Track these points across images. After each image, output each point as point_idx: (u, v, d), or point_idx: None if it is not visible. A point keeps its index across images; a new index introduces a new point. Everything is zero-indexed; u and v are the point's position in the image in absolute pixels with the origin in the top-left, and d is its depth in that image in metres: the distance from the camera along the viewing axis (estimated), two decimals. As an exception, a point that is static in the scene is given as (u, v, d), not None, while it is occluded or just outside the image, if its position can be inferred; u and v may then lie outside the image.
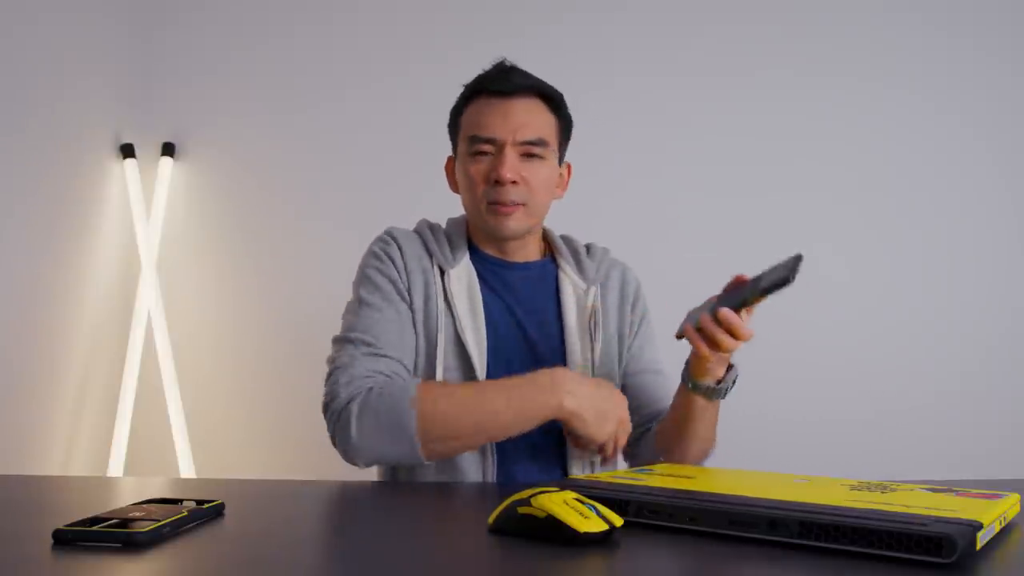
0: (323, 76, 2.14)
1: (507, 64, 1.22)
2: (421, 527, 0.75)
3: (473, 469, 1.13)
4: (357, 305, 1.15)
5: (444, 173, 1.30)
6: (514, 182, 1.15)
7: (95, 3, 2.00)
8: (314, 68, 2.15)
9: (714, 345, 1.02)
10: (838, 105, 2.07)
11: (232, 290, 2.12)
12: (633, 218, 2.06)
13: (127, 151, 2.06)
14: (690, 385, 1.10)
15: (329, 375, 1.10)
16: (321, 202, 2.10)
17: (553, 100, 1.21)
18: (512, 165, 1.15)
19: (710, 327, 1.01)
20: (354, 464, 1.05)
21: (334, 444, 1.06)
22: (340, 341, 1.12)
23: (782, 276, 0.94)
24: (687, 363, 1.11)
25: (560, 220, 1.39)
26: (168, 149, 2.11)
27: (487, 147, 1.17)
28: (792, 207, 2.05)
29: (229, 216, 2.13)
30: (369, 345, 1.10)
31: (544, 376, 1.04)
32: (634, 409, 1.22)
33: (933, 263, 2.03)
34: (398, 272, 1.17)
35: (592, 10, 2.13)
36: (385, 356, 1.10)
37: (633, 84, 2.11)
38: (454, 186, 1.27)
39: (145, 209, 2.05)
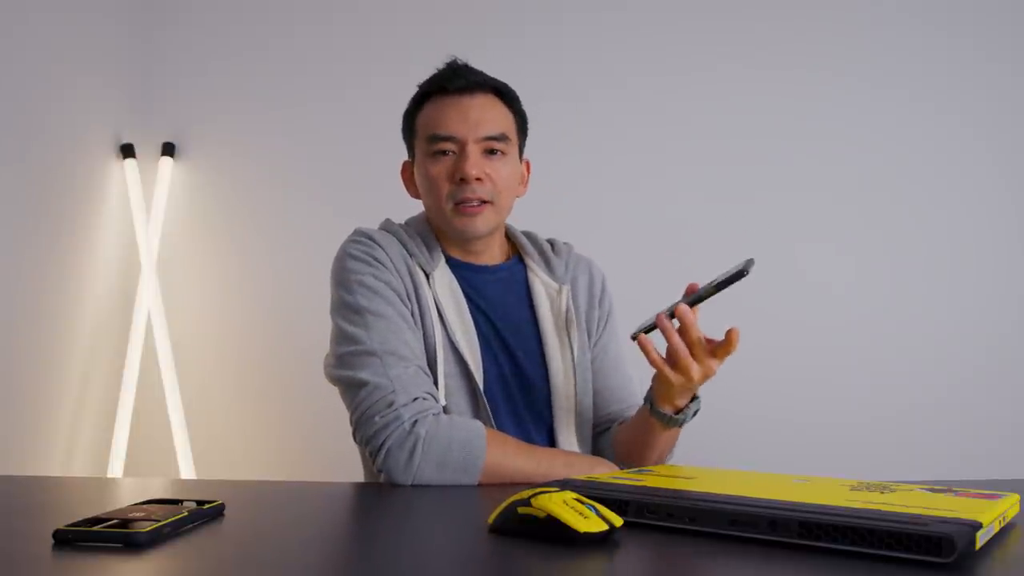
0: (323, 76, 2.14)
1: (459, 62, 1.21)
2: (421, 527, 0.75)
3: None
4: (356, 313, 1.08)
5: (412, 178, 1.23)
6: (479, 179, 1.13)
7: (95, 3, 2.00)
8: (314, 68, 2.15)
9: (672, 359, 1.00)
10: (838, 105, 2.07)
11: (232, 290, 2.12)
12: (633, 219, 2.06)
13: (127, 151, 2.06)
14: (649, 409, 1.08)
15: (366, 388, 1.03)
16: (321, 202, 2.10)
17: (508, 96, 1.20)
18: (476, 162, 1.13)
19: (664, 323, 0.99)
20: (392, 479, 0.99)
21: (378, 453, 1.00)
22: (360, 355, 1.05)
23: (737, 270, 0.94)
24: (651, 386, 1.09)
25: (560, 220, 1.39)
26: (168, 149, 2.11)
27: (448, 146, 1.14)
28: (792, 207, 2.05)
29: (229, 216, 2.13)
30: (398, 356, 1.05)
31: (605, 464, 1.09)
32: (596, 407, 1.22)
33: (933, 263, 2.03)
34: (391, 275, 1.12)
35: (592, 10, 2.13)
36: (417, 366, 1.06)
37: (633, 84, 2.11)
38: (413, 191, 1.24)
39: (145, 209, 2.05)
